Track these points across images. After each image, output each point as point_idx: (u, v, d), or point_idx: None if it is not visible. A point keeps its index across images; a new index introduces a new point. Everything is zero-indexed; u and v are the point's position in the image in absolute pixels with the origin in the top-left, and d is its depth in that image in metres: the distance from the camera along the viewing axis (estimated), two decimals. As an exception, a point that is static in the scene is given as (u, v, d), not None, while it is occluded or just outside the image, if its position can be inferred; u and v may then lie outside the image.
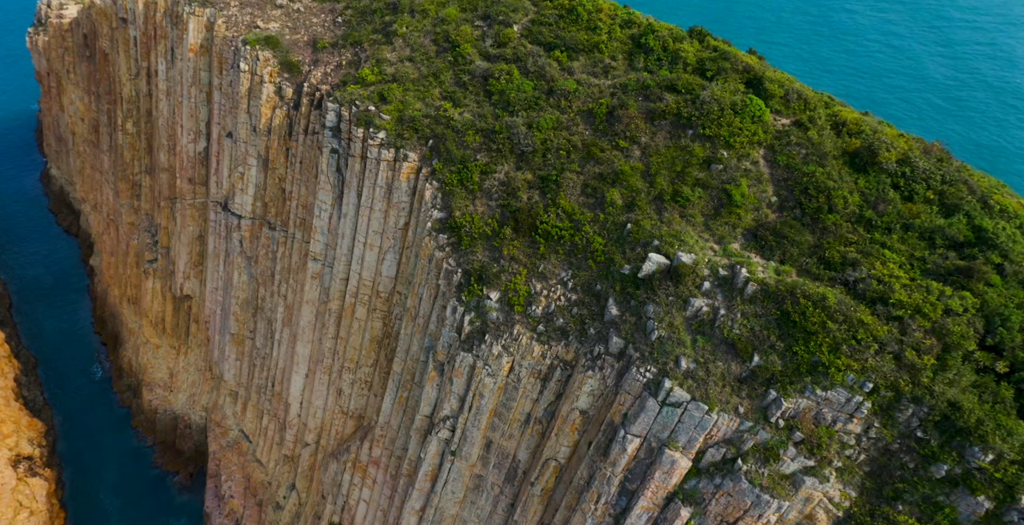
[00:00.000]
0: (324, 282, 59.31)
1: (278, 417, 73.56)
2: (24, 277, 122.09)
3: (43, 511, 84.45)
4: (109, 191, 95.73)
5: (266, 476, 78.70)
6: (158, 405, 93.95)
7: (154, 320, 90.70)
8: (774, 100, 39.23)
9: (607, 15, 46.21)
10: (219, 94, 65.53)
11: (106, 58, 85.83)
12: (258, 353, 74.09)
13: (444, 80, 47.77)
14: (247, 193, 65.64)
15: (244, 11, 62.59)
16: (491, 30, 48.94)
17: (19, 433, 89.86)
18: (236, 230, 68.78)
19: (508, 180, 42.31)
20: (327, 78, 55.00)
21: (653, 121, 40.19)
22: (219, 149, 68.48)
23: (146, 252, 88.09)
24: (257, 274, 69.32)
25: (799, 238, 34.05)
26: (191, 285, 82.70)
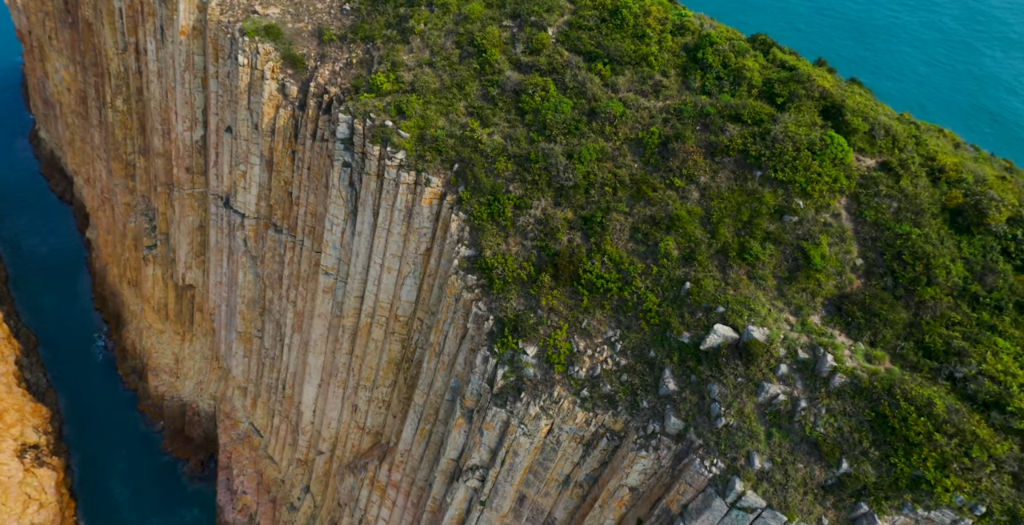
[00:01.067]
0: (337, 296, 55.26)
1: (290, 419, 70.82)
2: (20, 248, 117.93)
3: (53, 503, 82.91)
4: (102, 168, 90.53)
5: (279, 474, 76.65)
6: (165, 391, 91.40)
7: (156, 306, 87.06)
8: (857, 136, 34.19)
9: (656, 20, 40.44)
10: (215, 83, 59.92)
11: (90, 28, 79.29)
12: (267, 353, 70.73)
13: (469, 92, 42.44)
14: (250, 192, 60.83)
15: (239, -8, 56.32)
16: (522, 33, 43.22)
17: (23, 421, 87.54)
18: (239, 228, 64.27)
19: (545, 218, 37.69)
20: (336, 78, 49.44)
21: (714, 157, 35.28)
22: (217, 141, 63.29)
23: (144, 237, 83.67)
24: (264, 275, 65.21)
25: (892, 316, 29.75)
26: (193, 275, 78.67)
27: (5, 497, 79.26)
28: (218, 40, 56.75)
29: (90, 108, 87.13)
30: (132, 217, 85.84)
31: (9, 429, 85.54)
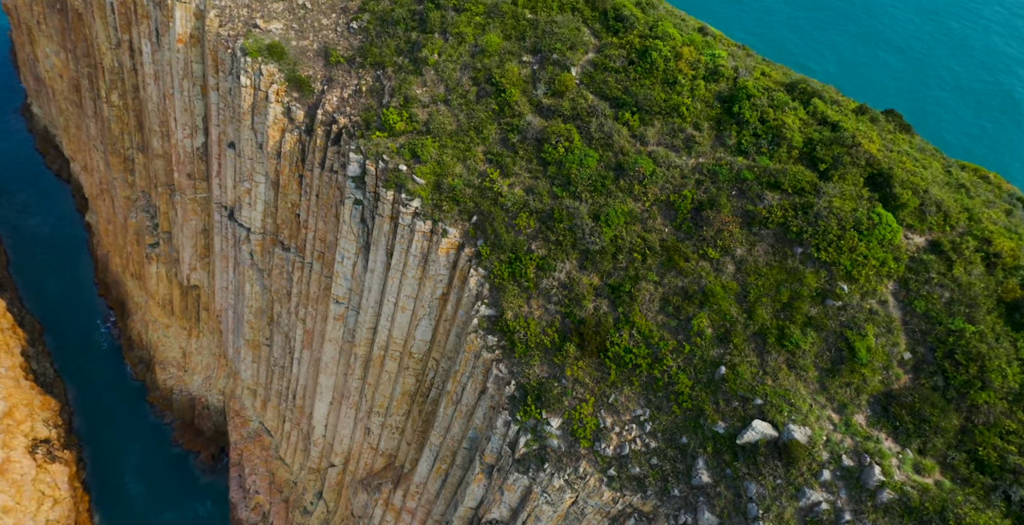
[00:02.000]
0: (348, 323, 53.94)
1: (301, 428, 70.49)
2: (19, 229, 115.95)
3: (67, 498, 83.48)
4: (99, 159, 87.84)
5: (291, 476, 76.85)
6: (173, 385, 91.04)
7: (161, 302, 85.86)
8: (906, 211, 32.18)
9: (688, 64, 37.76)
10: (216, 95, 57.12)
11: (80, 18, 75.52)
12: (276, 362, 69.87)
13: (488, 136, 40.13)
14: (255, 209, 58.81)
15: (238, 2, 53.04)
16: (543, 72, 40.52)
17: (33, 416, 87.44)
18: (245, 242, 62.47)
19: (570, 282, 36.02)
20: (345, 106, 46.83)
21: (751, 227, 33.37)
22: (220, 152, 60.86)
23: (147, 235, 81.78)
24: (272, 289, 63.72)
25: (943, 423, 28.37)
26: (198, 276, 77.19)
27: (20, 496, 79.72)
28: (218, 53, 53.81)
29: (84, 98, 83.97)
30: (133, 212, 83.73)
31: (19, 425, 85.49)
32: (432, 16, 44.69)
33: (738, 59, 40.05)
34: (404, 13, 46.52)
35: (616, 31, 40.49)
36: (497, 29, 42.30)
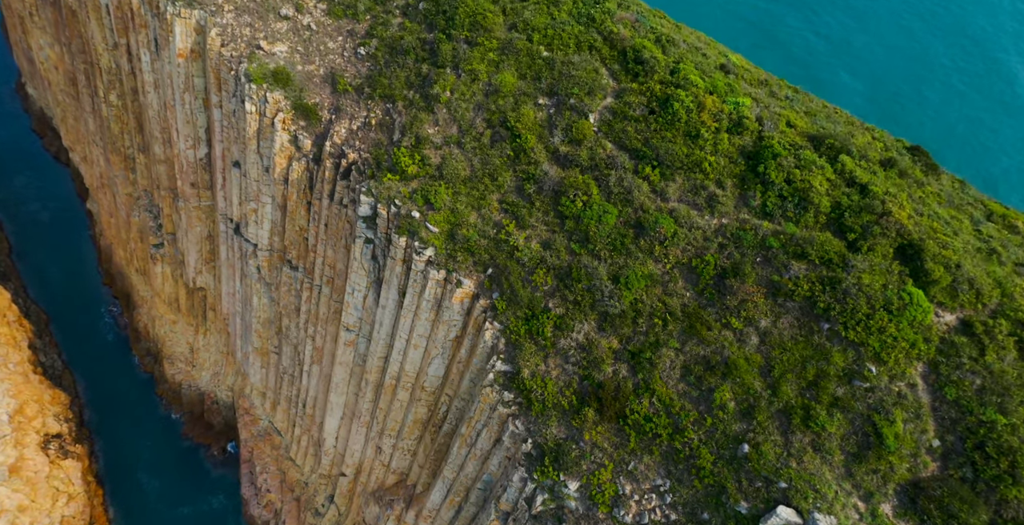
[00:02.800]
0: (359, 349, 53.60)
1: (311, 434, 70.90)
2: (19, 215, 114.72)
3: (81, 493, 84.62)
4: (99, 154, 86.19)
5: (302, 477, 77.68)
6: (182, 380, 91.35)
7: (167, 299, 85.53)
8: (937, 287, 31.38)
9: (711, 115, 36.37)
10: (219, 113, 55.57)
11: (74, 15, 73.05)
12: (285, 370, 69.84)
13: (503, 184, 39.03)
14: (262, 227, 57.86)
15: (241, 21, 51.05)
16: (560, 117, 39.13)
17: (44, 411, 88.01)
18: (252, 257, 61.68)
19: (588, 344, 35.50)
20: (354, 140, 45.45)
21: (776, 297, 32.61)
22: (224, 167, 59.60)
23: (150, 236, 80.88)
24: (280, 305, 63.18)
25: (972, 519, 28.14)
26: (204, 279, 76.62)
27: (35, 494, 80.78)
28: (220, 72, 52.11)
29: (81, 94, 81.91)
30: (135, 211, 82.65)
31: (31, 421, 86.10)
32: (443, 49, 43.01)
33: (762, 103, 38.60)
34: (414, 42, 44.78)
35: (636, 74, 38.93)
36: (512, 67, 40.70)
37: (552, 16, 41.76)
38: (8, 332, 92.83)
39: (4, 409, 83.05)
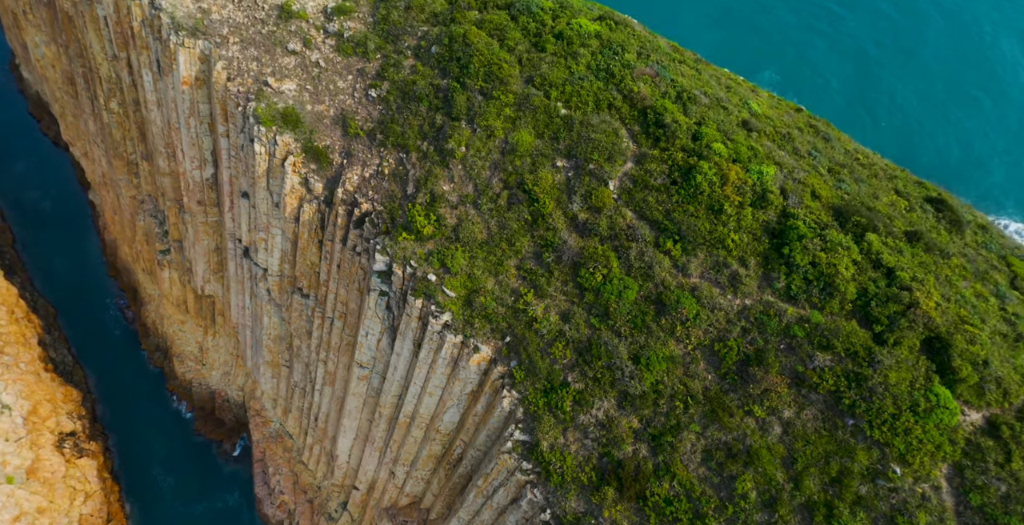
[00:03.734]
0: (373, 383, 53.78)
1: (324, 446, 71.79)
2: (21, 203, 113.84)
3: (97, 491, 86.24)
4: (100, 155, 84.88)
5: (315, 481, 78.99)
6: (192, 378, 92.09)
7: (175, 301, 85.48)
8: (964, 386, 31.23)
9: (734, 188, 35.60)
10: (226, 142, 54.39)
11: (71, 21, 70.84)
12: (297, 384, 70.26)
13: (521, 249, 38.53)
14: (272, 255, 57.37)
15: (247, 54, 49.56)
16: (579, 182, 38.31)
17: (57, 410, 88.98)
18: (262, 280, 61.37)
19: (608, 422, 35.61)
20: (366, 189, 44.63)
21: (800, 388, 32.52)
22: (231, 192, 58.77)
23: (157, 242, 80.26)
24: (291, 327, 63.12)
25: None
26: (213, 288, 76.39)
27: (53, 495, 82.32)
28: (227, 106, 50.88)
29: (80, 96, 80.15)
30: (140, 215, 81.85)
31: (45, 421, 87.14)
32: (458, 100, 41.83)
33: (785, 169, 37.72)
34: (427, 88, 43.54)
35: (657, 139, 37.95)
36: (529, 125, 39.65)
37: (570, 69, 40.48)
38: (18, 330, 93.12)
39: (18, 412, 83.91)
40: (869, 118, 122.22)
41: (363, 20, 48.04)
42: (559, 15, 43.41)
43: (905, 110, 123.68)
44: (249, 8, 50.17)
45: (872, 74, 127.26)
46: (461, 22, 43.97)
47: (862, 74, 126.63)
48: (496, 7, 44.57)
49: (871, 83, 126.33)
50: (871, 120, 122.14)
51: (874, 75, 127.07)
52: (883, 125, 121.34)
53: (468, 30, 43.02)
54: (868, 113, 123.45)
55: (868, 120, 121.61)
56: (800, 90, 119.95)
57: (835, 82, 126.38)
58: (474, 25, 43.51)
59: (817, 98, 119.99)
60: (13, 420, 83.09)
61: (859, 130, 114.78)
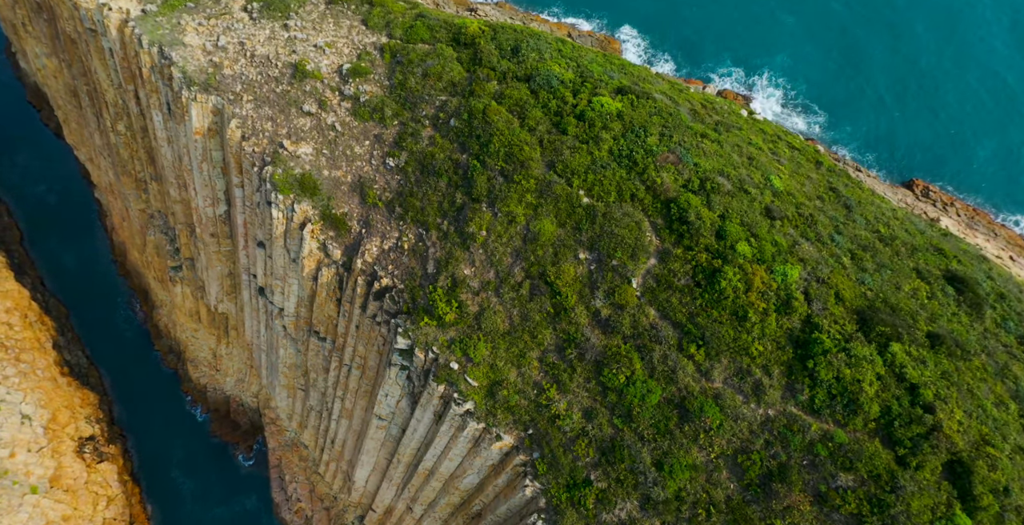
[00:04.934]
0: (392, 431, 54.78)
1: (341, 466, 73.45)
2: (26, 198, 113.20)
3: (119, 495, 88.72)
4: (107, 167, 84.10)
5: (331, 491, 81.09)
6: (206, 383, 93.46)
7: (188, 312, 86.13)
8: (984, 514, 32.01)
9: (758, 294, 35.71)
10: (241, 192, 53.95)
11: (73, 43, 69.20)
12: (314, 407, 71.48)
13: (543, 341, 38.91)
14: (288, 300, 57.68)
15: (261, 113, 48.80)
16: (602, 277, 38.36)
17: (76, 415, 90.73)
18: (278, 317, 61.82)
19: (631, 523, 36.59)
20: (386, 262, 44.63)
21: (822, 506, 33.37)
22: (246, 233, 58.59)
23: (168, 258, 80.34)
24: (307, 361, 63.87)
25: None
26: (226, 306, 76.91)
27: (76, 501, 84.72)
28: (242, 162, 50.36)
29: (85, 110, 78.91)
30: (150, 229, 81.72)
31: (64, 428, 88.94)
32: (479, 180, 41.49)
33: (808, 265, 37.72)
34: (446, 162, 43.13)
35: (680, 235, 37.81)
36: (551, 214, 39.45)
37: (592, 155, 39.99)
38: (32, 335, 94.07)
39: (39, 421, 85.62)
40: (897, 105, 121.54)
41: (379, 83, 47.15)
42: (579, 90, 42.60)
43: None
44: (262, 65, 49.15)
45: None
46: (480, 95, 43.20)
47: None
48: (516, 78, 43.71)
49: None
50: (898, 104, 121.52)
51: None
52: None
53: (488, 106, 42.33)
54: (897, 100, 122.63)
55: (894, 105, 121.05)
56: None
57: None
58: (494, 99, 42.79)
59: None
60: (34, 430, 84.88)
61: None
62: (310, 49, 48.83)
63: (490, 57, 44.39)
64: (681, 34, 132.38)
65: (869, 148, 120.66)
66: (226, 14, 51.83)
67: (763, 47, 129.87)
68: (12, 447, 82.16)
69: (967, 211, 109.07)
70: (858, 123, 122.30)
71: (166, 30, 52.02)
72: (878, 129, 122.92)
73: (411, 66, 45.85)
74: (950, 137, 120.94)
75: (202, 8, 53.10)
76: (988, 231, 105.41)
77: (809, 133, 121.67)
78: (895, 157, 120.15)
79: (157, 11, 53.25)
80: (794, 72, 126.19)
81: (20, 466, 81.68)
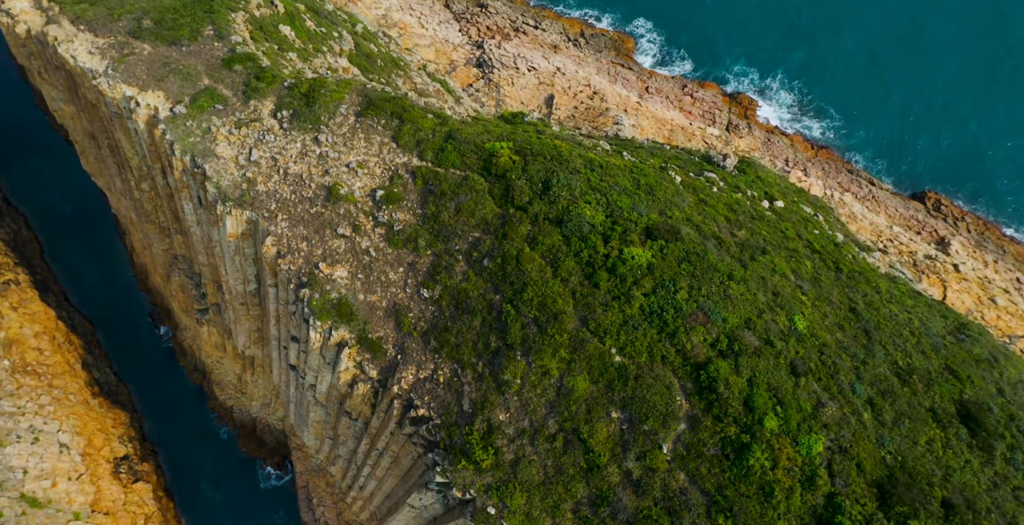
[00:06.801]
0: (423, 515, 58.06)
1: (368, 508, 77.30)
2: (42, 209, 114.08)
3: (156, 512, 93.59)
4: (129, 205, 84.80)
5: (358, 519, 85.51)
6: (232, 404, 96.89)
7: (214, 344, 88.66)
8: None
9: (784, 472, 37.97)
10: (274, 292, 55.48)
11: (95, 108, 68.98)
12: (342, 455, 74.75)
13: (576, 495, 41.47)
14: (320, 385, 59.99)
15: (296, 232, 49.94)
16: (634, 439, 40.53)
17: (109, 437, 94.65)
18: (309, 390, 64.32)
19: None
20: (422, 392, 46.71)
21: None
22: (277, 321, 60.34)
23: (194, 302, 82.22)
24: (337, 429, 66.69)
25: None
26: (254, 352, 79.35)
27: (117, 523, 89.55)
28: (277, 274, 51.76)
29: (105, 157, 79.09)
30: (174, 271, 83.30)
31: (100, 451, 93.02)
32: (513, 328, 43.19)
33: (831, 430, 39.85)
34: (479, 301, 44.70)
35: (710, 403, 39.80)
36: (584, 371, 41.37)
37: (623, 312, 41.54)
38: (62, 358, 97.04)
39: (76, 449, 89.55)
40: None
41: (412, 210, 48.09)
42: (610, 236, 43.70)
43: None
44: (295, 184, 49.92)
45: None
46: (513, 238, 44.34)
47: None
48: (547, 220, 44.72)
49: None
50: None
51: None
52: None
53: (521, 251, 43.56)
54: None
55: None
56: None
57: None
58: (527, 243, 43.95)
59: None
60: (72, 459, 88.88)
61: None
62: (343, 170, 49.48)
63: (522, 195, 45.25)
64: (695, 29, 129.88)
65: (882, 155, 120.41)
66: (256, 121, 52.15)
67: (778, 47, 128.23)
68: (53, 477, 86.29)
69: (977, 226, 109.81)
70: (873, 128, 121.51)
71: (197, 138, 52.45)
72: (892, 135, 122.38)
73: (443, 199, 46.73)
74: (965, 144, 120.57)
75: (231, 110, 53.35)
76: (997, 248, 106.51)
77: (824, 140, 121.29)
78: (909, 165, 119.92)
79: (186, 113, 53.48)
80: (810, 73, 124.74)
81: (62, 495, 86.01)
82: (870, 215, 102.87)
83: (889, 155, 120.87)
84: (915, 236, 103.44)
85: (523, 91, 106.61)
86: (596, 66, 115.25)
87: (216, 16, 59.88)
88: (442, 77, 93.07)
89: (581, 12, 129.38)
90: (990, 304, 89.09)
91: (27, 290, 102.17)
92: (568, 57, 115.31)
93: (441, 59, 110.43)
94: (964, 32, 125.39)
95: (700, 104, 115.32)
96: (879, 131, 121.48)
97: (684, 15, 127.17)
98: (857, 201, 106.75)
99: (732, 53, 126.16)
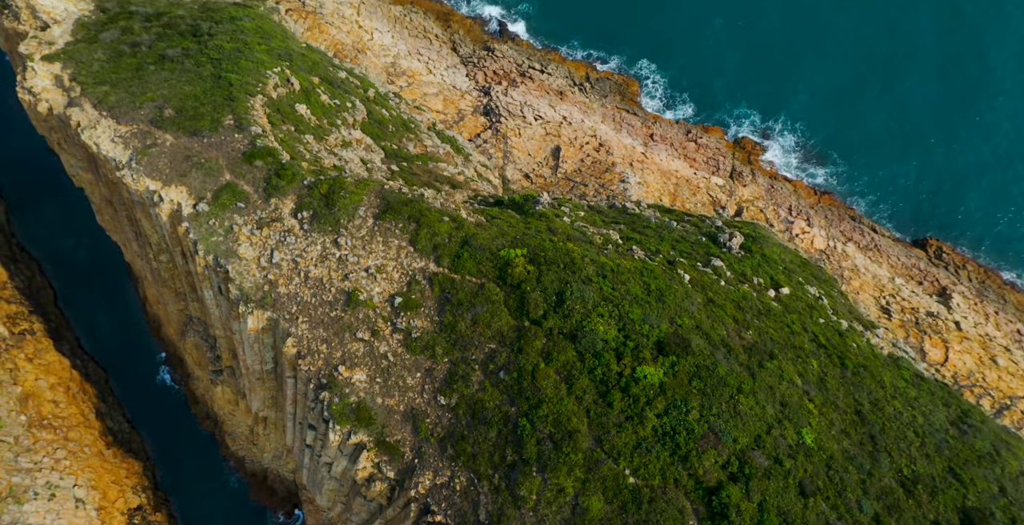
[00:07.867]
0: (438, 596, 59.56)
1: (381, 569, 78.82)
2: (56, 254, 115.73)
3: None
4: (143, 267, 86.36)
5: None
6: (244, 455, 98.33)
7: (227, 400, 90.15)
8: None
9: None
10: (293, 383, 56.94)
11: (115, 186, 70.51)
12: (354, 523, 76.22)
13: (592, 614, 42.89)
14: (337, 467, 61.40)
15: (316, 334, 51.41)
16: (647, 561, 41.99)
17: (123, 489, 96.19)
18: (324, 466, 65.76)
19: None
20: (439, 499, 48.17)
21: None
22: (295, 405, 61.80)
23: (208, 363, 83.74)
24: (352, 505, 68.15)
25: None
26: (268, 413, 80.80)
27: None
28: (297, 372, 53.21)
29: (122, 221, 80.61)
30: (189, 331, 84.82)
31: (114, 504, 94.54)
32: (528, 444, 44.63)
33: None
34: (495, 413, 46.17)
35: (721, 530, 41.40)
36: (598, 491, 42.81)
37: (637, 433, 43.00)
38: (76, 410, 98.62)
39: (91, 504, 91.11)
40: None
41: (429, 317, 49.53)
42: (622, 352, 45.16)
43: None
44: (316, 288, 51.39)
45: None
46: (528, 353, 45.79)
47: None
48: (562, 334, 46.16)
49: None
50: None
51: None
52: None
53: (536, 366, 45.02)
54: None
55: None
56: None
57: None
58: (542, 358, 45.40)
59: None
60: (88, 514, 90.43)
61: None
62: (362, 275, 50.94)
63: (536, 308, 46.74)
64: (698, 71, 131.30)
65: (885, 201, 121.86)
66: (277, 221, 53.61)
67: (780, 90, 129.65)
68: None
69: (978, 274, 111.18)
70: (875, 173, 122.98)
71: (220, 237, 53.91)
72: (895, 180, 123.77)
73: (460, 308, 48.20)
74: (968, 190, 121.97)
75: (252, 208, 54.82)
76: (998, 298, 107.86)
77: (827, 185, 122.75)
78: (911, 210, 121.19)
79: (209, 211, 54.94)
80: (812, 117, 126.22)
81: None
82: (872, 267, 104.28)
83: (891, 200, 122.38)
84: (917, 287, 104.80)
85: (530, 142, 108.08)
86: (602, 113, 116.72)
87: (236, 104, 61.35)
88: (451, 134, 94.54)
89: (586, 53, 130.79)
90: (991, 364, 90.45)
91: (42, 339, 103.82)
92: (574, 104, 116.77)
93: (449, 109, 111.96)
94: (956, 83, 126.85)
95: (704, 151, 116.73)
96: (882, 175, 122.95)
97: (687, 58, 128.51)
98: (860, 251, 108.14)
99: (734, 96, 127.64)
